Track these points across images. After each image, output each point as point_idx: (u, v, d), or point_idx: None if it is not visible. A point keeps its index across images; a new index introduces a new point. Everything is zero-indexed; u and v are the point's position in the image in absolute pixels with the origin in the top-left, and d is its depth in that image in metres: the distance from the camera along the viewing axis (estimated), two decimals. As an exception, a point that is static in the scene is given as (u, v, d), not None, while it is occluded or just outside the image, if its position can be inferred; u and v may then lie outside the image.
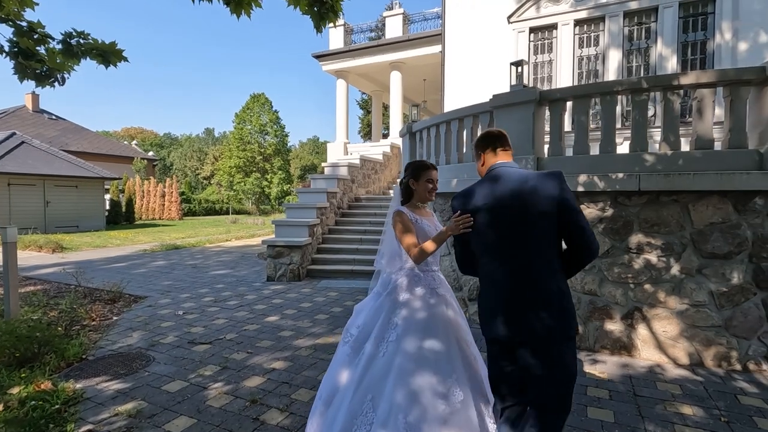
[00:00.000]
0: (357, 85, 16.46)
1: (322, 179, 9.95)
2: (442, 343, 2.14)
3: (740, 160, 3.70)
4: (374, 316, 2.29)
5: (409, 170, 2.46)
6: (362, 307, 2.45)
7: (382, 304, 2.30)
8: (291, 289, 6.84)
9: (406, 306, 2.24)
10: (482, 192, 1.94)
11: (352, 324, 2.44)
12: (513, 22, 10.06)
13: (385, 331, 2.20)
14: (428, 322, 2.19)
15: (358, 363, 2.20)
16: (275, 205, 38.46)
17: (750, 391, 3.28)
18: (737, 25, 8.13)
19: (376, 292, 2.40)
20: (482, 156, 2.10)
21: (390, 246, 2.39)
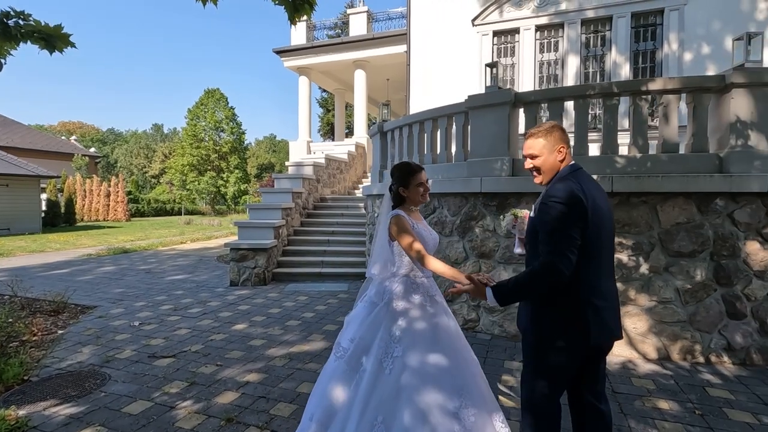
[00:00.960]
0: (320, 83, 16.14)
1: (286, 179, 9.63)
2: (448, 356, 2.04)
3: (703, 164, 3.90)
4: (372, 329, 2.13)
5: (395, 176, 2.31)
6: (354, 318, 2.29)
7: (379, 315, 2.15)
8: (257, 294, 6.53)
9: (406, 316, 2.11)
10: (592, 191, 1.85)
11: (343, 337, 2.26)
12: (477, 25, 10.22)
13: (388, 345, 2.05)
14: (432, 333, 2.08)
15: (360, 381, 2.03)
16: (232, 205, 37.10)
17: (716, 383, 3.46)
18: (683, 37, 8.70)
19: (371, 302, 2.24)
20: (565, 151, 1.95)
21: (383, 252, 2.25)
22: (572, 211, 1.77)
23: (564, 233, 1.77)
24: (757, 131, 3.75)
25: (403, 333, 2.06)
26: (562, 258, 1.74)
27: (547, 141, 1.94)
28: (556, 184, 1.88)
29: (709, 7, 8.54)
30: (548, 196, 1.84)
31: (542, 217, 1.84)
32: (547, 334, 1.87)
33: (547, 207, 1.82)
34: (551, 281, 1.77)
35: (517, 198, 4.41)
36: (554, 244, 1.77)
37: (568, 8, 9.44)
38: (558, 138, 1.94)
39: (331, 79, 15.62)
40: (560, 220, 1.77)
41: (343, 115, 16.96)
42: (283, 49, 13.65)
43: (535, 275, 1.80)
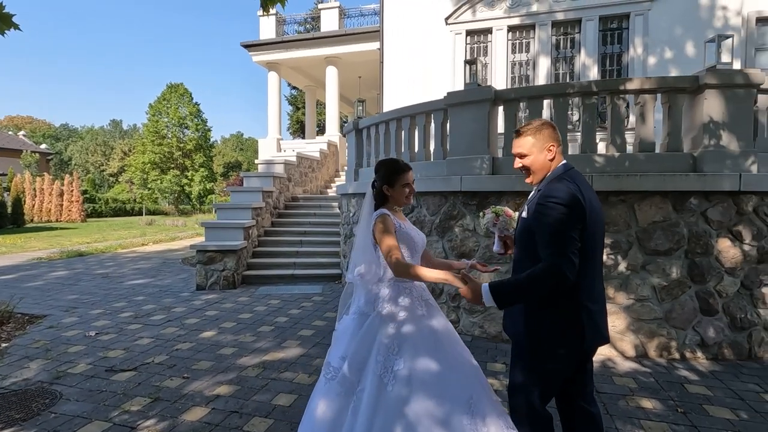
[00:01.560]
0: (290, 79, 15.75)
1: (256, 177, 9.27)
2: (453, 365, 1.88)
3: (678, 163, 3.96)
4: (365, 342, 1.94)
5: (381, 173, 2.13)
6: (343, 332, 2.08)
7: (372, 326, 1.96)
8: (226, 299, 6.20)
9: (403, 325, 1.94)
10: (588, 192, 1.80)
11: (332, 355, 2.05)
12: (450, 24, 10.20)
13: (387, 359, 1.86)
14: (433, 341, 1.92)
15: (358, 403, 1.83)
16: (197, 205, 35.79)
17: (693, 379, 3.50)
18: (647, 41, 8.99)
19: (361, 312, 2.04)
20: (555, 150, 1.86)
21: (366, 255, 2.07)
22: (572, 212, 1.71)
23: (565, 235, 1.70)
24: (728, 131, 3.84)
25: (402, 344, 1.89)
26: (566, 261, 1.67)
27: (536, 139, 1.86)
28: (553, 184, 1.80)
29: (671, 14, 8.87)
30: (547, 197, 1.75)
31: (541, 219, 1.75)
32: (545, 338, 1.80)
33: (546, 208, 1.74)
34: (554, 284, 1.69)
35: (497, 197, 4.35)
36: (556, 247, 1.69)
37: (539, 10, 9.57)
38: (548, 136, 1.86)
39: (302, 76, 15.27)
40: (561, 221, 1.70)
41: (314, 112, 16.63)
42: (251, 44, 13.19)
43: (536, 278, 1.71)
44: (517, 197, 4.32)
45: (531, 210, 1.83)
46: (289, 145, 13.64)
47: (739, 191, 3.78)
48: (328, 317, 5.23)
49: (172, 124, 35.02)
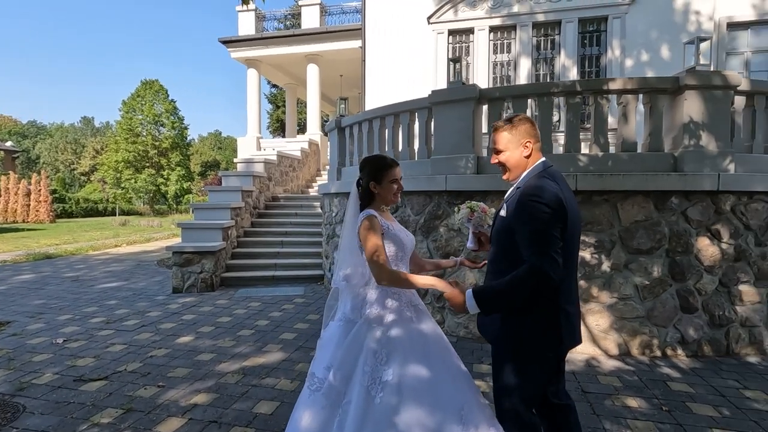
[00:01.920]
0: (270, 77, 15.48)
1: (235, 176, 9.04)
2: (443, 373, 1.80)
3: (659, 163, 4.01)
4: (352, 351, 1.84)
5: (366, 170, 2.02)
6: (328, 340, 1.97)
7: (359, 334, 1.86)
8: (204, 302, 5.99)
9: (391, 333, 1.84)
10: (566, 192, 1.75)
11: (317, 365, 1.94)
12: (433, 23, 10.18)
13: (374, 369, 1.77)
14: (423, 348, 1.83)
15: (344, 417, 1.73)
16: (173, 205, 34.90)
17: (675, 377, 3.54)
18: (624, 44, 9.17)
19: (347, 319, 1.94)
20: (531, 146, 1.82)
21: (352, 257, 1.97)
22: (555, 212, 1.67)
23: (548, 234, 1.65)
24: (707, 132, 3.90)
25: (391, 352, 1.79)
26: (549, 260, 1.62)
27: (512, 135, 1.82)
28: (533, 182, 1.75)
29: (647, 18, 9.07)
30: (528, 195, 1.69)
31: (522, 218, 1.69)
32: (526, 341, 1.74)
33: (528, 207, 1.68)
34: (537, 285, 1.64)
35: (482, 196, 4.31)
36: (538, 246, 1.63)
37: (520, 11, 9.64)
38: (524, 132, 1.82)
39: (282, 73, 15.02)
40: (543, 221, 1.65)
41: (294, 110, 16.39)
42: (229, 39, 12.88)
43: (519, 279, 1.65)
44: (502, 197, 4.28)
45: (511, 208, 1.77)
46: (270, 143, 13.39)
47: (718, 191, 3.85)
48: (311, 320, 5.11)
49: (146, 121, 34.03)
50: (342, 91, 16.22)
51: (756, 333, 4.04)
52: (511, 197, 1.82)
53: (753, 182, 3.89)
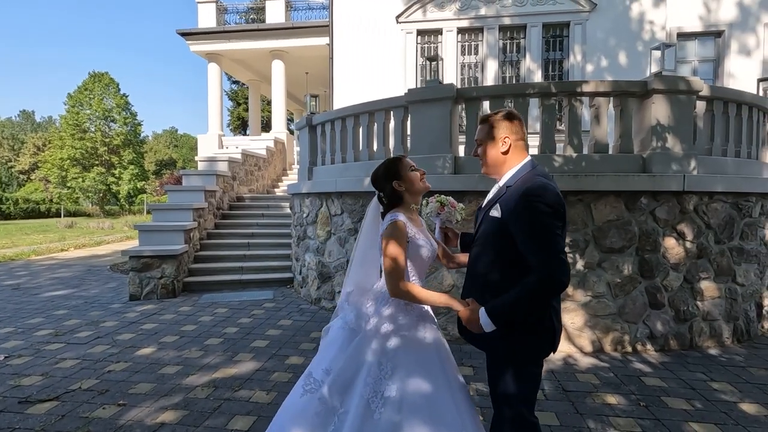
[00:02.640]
0: (232, 72, 14.91)
1: (197, 175, 8.59)
2: (447, 391, 1.70)
3: (629, 164, 4.13)
4: (355, 359, 1.71)
5: (381, 176, 1.89)
6: (331, 342, 1.84)
7: (363, 342, 1.74)
8: (165, 309, 5.61)
9: (399, 345, 1.73)
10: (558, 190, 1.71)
11: (316, 365, 1.80)
12: (401, 22, 10.15)
13: (377, 381, 1.65)
14: (431, 365, 1.72)
15: (340, 427, 1.60)
16: (126, 206, 33.01)
17: (647, 372, 3.65)
18: (585, 49, 9.52)
19: (350, 328, 1.81)
20: (510, 143, 1.75)
21: (364, 267, 1.86)
22: (557, 212, 1.61)
23: (554, 235, 1.58)
24: (673, 135, 4.06)
25: (396, 366, 1.67)
26: (560, 264, 1.56)
27: (492, 128, 1.77)
28: (531, 181, 1.67)
29: (606, 25, 9.47)
30: (530, 196, 1.61)
31: (524, 219, 1.61)
32: (522, 343, 1.69)
33: (530, 207, 1.60)
34: (551, 294, 1.60)
35: (460, 196, 4.25)
36: (547, 251, 1.56)
37: (487, 14, 9.79)
38: (504, 127, 1.76)
39: (246, 69, 14.52)
40: (548, 222, 1.58)
41: (258, 108, 15.88)
42: (189, 32, 12.28)
43: (533, 291, 1.57)
44: (480, 196, 4.28)
45: (507, 209, 1.68)
46: (233, 141, 12.89)
47: (683, 191, 4.01)
48: (283, 326, 4.89)
49: (95, 116, 31.95)
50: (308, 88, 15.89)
51: (716, 326, 4.25)
52: (504, 197, 1.73)
53: (714, 183, 4.09)
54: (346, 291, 1.87)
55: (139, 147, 34.60)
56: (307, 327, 4.85)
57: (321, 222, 5.63)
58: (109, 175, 32.00)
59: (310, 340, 4.40)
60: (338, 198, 5.28)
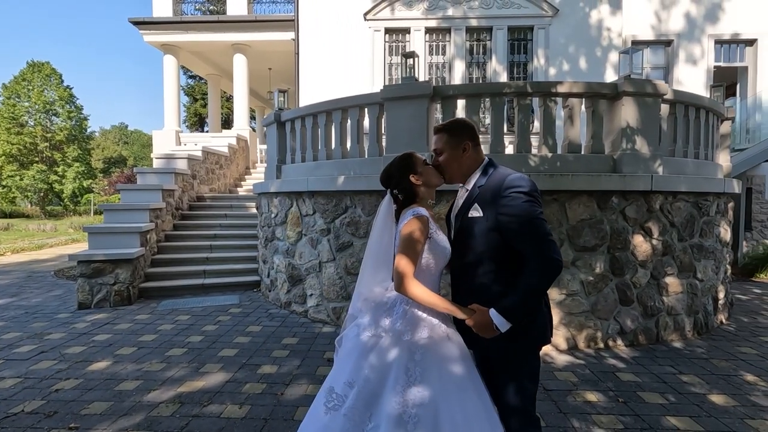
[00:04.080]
0: (190, 66, 14.19)
1: (154, 174, 8.05)
2: (478, 392, 1.61)
3: (601, 164, 4.22)
4: (378, 369, 1.57)
5: (397, 170, 1.81)
6: (349, 351, 1.69)
7: (386, 349, 1.60)
8: (120, 318, 5.18)
9: (424, 347, 1.61)
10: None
11: (336, 379, 1.65)
12: (369, 19, 10.01)
13: (406, 389, 1.52)
14: (454, 362, 1.61)
15: None
16: (70, 206, 30.76)
17: (621, 367, 3.73)
18: (548, 53, 9.79)
19: (368, 336, 1.67)
20: (469, 147, 1.82)
21: (378, 272, 1.73)
22: (538, 199, 1.66)
23: (540, 221, 1.63)
24: (641, 136, 4.19)
25: (425, 371, 1.56)
26: (552, 246, 1.61)
27: (450, 137, 1.81)
28: (504, 175, 1.71)
29: (567, 31, 9.79)
30: (509, 188, 1.65)
31: (509, 212, 1.63)
32: (522, 337, 1.68)
33: (512, 199, 1.63)
34: (554, 276, 1.62)
35: (437, 195, 4.21)
36: (538, 237, 1.61)
37: (454, 14, 9.85)
38: (462, 133, 1.81)
39: (205, 63, 13.86)
40: (532, 209, 1.63)
41: (218, 104, 15.22)
42: (142, 20, 11.53)
43: (538, 278, 1.60)
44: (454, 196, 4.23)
45: (486, 206, 1.69)
46: (192, 138, 12.26)
47: (651, 191, 4.15)
48: (252, 332, 4.64)
49: (35, 109, 29.52)
50: (271, 85, 15.42)
51: (679, 320, 4.44)
52: (478, 197, 1.73)
53: (678, 183, 4.26)
54: (362, 297, 1.73)
55: (85, 143, 32.32)
56: (278, 333, 4.62)
57: (291, 223, 5.40)
58: (51, 173, 29.67)
59: (282, 347, 4.18)
60: (310, 198, 5.08)
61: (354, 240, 4.71)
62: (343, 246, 4.77)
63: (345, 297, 4.79)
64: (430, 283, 1.75)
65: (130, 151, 53.88)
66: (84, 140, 32.22)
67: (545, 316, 1.74)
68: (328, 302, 4.92)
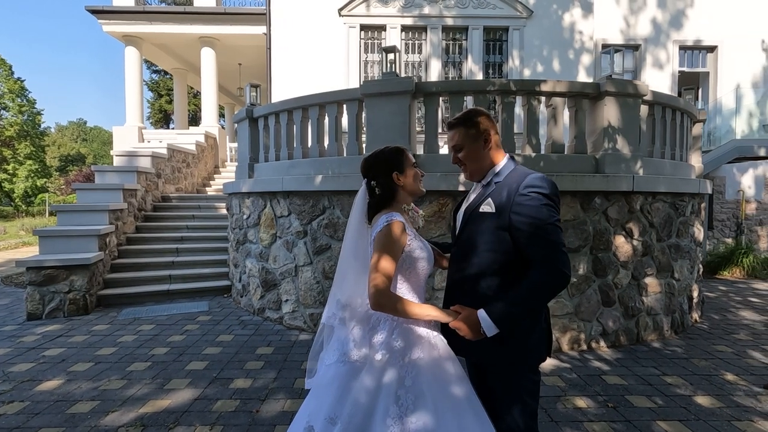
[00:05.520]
0: (154, 59, 13.49)
1: (114, 172, 7.53)
2: (473, 411, 1.44)
3: (584, 164, 4.19)
4: (364, 401, 1.38)
5: (382, 162, 1.64)
6: (328, 383, 1.47)
7: (371, 376, 1.41)
8: (75, 329, 4.75)
9: (414, 369, 1.44)
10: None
11: (315, 415, 1.43)
12: (344, 15, 9.78)
13: (397, 421, 1.33)
14: (448, 381, 1.45)
15: None
16: (22, 206, 28.84)
17: (606, 370, 3.69)
18: (523, 54, 9.86)
19: (350, 361, 1.46)
20: (491, 140, 1.67)
21: (357, 277, 1.53)
22: (557, 204, 1.56)
23: (556, 228, 1.51)
24: (622, 136, 4.18)
25: (418, 396, 1.38)
26: (562, 257, 1.48)
27: (473, 129, 1.67)
28: (522, 174, 1.59)
29: (541, 32, 9.88)
30: (530, 187, 1.53)
31: (525, 211, 1.50)
32: (522, 348, 1.57)
33: (531, 200, 1.50)
34: (558, 289, 1.49)
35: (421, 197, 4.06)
36: (550, 245, 1.48)
37: (430, 13, 9.76)
38: (485, 125, 1.68)
39: (170, 56, 13.21)
40: (550, 214, 1.51)
41: (185, 99, 14.55)
42: (101, 9, 10.83)
43: (539, 286, 1.48)
44: (440, 196, 4.10)
45: (501, 203, 1.56)
46: (156, 135, 11.63)
47: (632, 191, 4.15)
48: (223, 342, 4.34)
49: (-19, 103, 27.52)
50: (241, 81, 14.90)
51: (658, 320, 4.47)
52: (493, 192, 1.60)
53: (658, 183, 4.28)
54: (340, 304, 1.53)
55: (38, 140, 30.37)
56: (251, 342, 4.34)
57: (264, 224, 5.11)
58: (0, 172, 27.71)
59: (256, 358, 3.92)
60: (285, 198, 4.82)
61: (332, 242, 4.49)
62: (320, 249, 4.54)
63: (323, 302, 4.56)
64: (414, 293, 1.60)
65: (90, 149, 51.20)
66: (37, 136, 30.28)
67: (547, 330, 1.64)
68: (304, 308, 4.68)
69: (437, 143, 4.25)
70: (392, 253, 1.47)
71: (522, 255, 1.52)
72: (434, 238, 3.96)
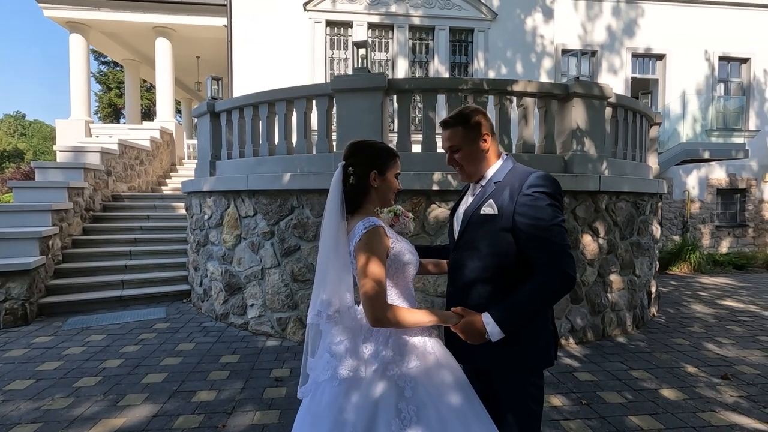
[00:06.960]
0: (102, 48, 12.63)
1: (58, 169, 6.93)
2: (480, 421, 1.35)
3: (553, 165, 4.25)
4: (363, 417, 1.26)
5: (365, 155, 1.51)
6: (326, 407, 1.32)
7: (368, 392, 1.29)
8: (12, 342, 4.29)
9: (414, 379, 1.34)
10: None
11: None
12: (309, 10, 9.55)
13: None
14: (449, 387, 1.36)
15: None
16: (-51, 206, 26.21)
17: (576, 366, 3.75)
18: (487, 56, 10.02)
19: (344, 378, 1.33)
20: (489, 140, 1.60)
21: (339, 274, 1.40)
22: (561, 203, 1.51)
23: (561, 229, 1.46)
24: (589, 137, 4.28)
25: (420, 406, 1.29)
26: (568, 259, 1.43)
27: (471, 129, 1.60)
28: (526, 172, 1.53)
29: (504, 36, 10.08)
30: (534, 187, 1.47)
31: (530, 212, 1.44)
32: (526, 353, 1.51)
33: (535, 200, 1.44)
34: (564, 291, 1.45)
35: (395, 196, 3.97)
36: (555, 246, 1.43)
37: (397, 11, 9.71)
38: (483, 124, 1.61)
39: (121, 46, 12.40)
40: (555, 215, 1.46)
41: (138, 93, 13.73)
42: (42, -8, 9.97)
43: (544, 289, 1.43)
44: (413, 195, 4.03)
45: (503, 204, 1.50)
46: (105, 130, 10.88)
47: (599, 191, 4.25)
48: (184, 351, 4.05)
49: None
50: (199, 75, 14.25)
51: (621, 316, 4.62)
52: (494, 192, 1.54)
53: (622, 183, 4.42)
54: (324, 302, 1.39)
55: (-31, 133, 27.73)
56: (214, 350, 4.08)
57: (228, 225, 4.84)
58: None
59: (220, 367, 3.68)
60: (250, 197, 4.58)
61: (302, 243, 4.31)
62: (289, 250, 4.35)
63: (292, 306, 4.37)
64: (403, 298, 1.50)
65: (29, 144, 47.43)
66: (-32, 130, 27.61)
67: (554, 333, 1.59)
68: (272, 312, 4.47)
69: (410, 141, 4.17)
70: (381, 260, 1.37)
71: (525, 256, 1.47)
72: (407, 237, 3.88)
